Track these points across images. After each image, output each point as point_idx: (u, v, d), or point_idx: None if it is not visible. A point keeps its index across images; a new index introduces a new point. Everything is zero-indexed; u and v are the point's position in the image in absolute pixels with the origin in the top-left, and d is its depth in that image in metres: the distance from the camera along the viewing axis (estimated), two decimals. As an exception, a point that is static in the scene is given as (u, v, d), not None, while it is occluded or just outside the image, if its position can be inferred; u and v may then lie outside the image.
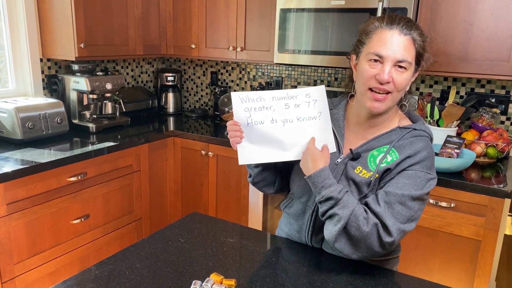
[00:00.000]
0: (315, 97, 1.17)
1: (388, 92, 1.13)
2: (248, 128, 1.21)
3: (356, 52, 1.20)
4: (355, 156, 1.20)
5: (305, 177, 1.17)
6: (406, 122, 1.24)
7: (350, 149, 1.21)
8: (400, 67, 1.12)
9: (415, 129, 1.19)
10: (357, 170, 1.19)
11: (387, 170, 1.16)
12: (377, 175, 1.16)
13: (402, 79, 1.12)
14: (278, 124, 1.19)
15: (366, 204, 1.14)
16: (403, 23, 1.12)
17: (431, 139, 1.22)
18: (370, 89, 1.14)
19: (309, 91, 1.17)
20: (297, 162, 1.32)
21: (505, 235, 1.90)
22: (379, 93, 1.13)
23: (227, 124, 1.22)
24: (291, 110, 1.17)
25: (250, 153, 1.22)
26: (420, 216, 1.15)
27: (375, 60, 1.12)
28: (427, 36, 1.17)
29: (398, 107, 1.25)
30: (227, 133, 1.25)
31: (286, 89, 1.17)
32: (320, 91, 1.17)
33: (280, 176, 1.38)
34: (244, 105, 1.19)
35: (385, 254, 1.22)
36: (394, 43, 1.10)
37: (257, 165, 1.31)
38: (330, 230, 1.12)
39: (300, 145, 1.20)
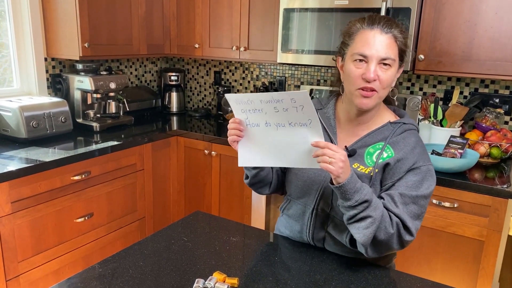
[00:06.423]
0: (301, 102, 1.07)
1: (373, 90, 1.16)
2: (247, 130, 1.20)
3: (341, 54, 1.24)
4: (351, 153, 1.22)
5: (334, 186, 1.09)
6: (395, 117, 1.29)
7: (345, 146, 1.23)
8: (385, 64, 1.15)
9: (404, 123, 1.24)
10: (354, 166, 1.21)
11: (387, 165, 1.18)
12: (377, 170, 1.19)
13: (387, 76, 1.16)
14: (272, 128, 1.15)
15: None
16: (383, 22, 1.16)
17: (418, 131, 1.29)
18: (358, 88, 1.18)
19: (293, 96, 1.07)
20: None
21: (509, 236, 1.89)
22: (366, 90, 1.17)
23: (230, 121, 1.22)
24: (281, 113, 1.12)
25: (250, 156, 1.21)
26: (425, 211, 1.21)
27: (360, 60, 1.16)
28: (407, 33, 1.21)
29: (385, 104, 1.29)
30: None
31: (271, 92, 1.11)
32: (303, 97, 1.07)
33: (276, 177, 1.39)
34: (240, 106, 1.17)
35: None
36: (376, 42, 1.14)
37: (254, 167, 1.31)
38: (364, 233, 1.10)
39: (293, 152, 1.15)
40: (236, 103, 1.17)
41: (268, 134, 1.16)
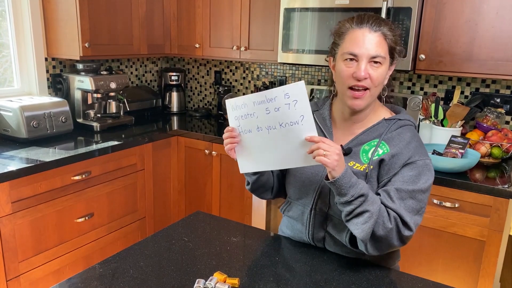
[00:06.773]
0: (294, 97, 1.06)
1: (366, 89, 1.17)
2: (242, 137, 1.19)
3: (333, 54, 1.25)
4: (347, 151, 1.22)
5: (329, 181, 1.10)
6: (390, 114, 1.29)
7: (341, 145, 1.23)
8: (375, 62, 1.16)
9: (399, 119, 1.24)
10: (350, 164, 1.21)
11: (382, 161, 1.18)
12: (371, 167, 1.19)
13: (378, 74, 1.17)
14: (264, 132, 1.14)
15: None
16: (372, 21, 1.17)
17: (415, 127, 1.27)
18: (350, 88, 1.18)
19: (287, 89, 1.06)
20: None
21: (510, 236, 1.89)
22: (358, 90, 1.17)
23: (225, 130, 1.23)
24: (272, 115, 1.10)
25: (249, 162, 1.21)
26: (425, 206, 1.20)
27: (351, 59, 1.17)
28: (397, 30, 1.22)
29: (380, 102, 1.29)
30: None
31: (265, 91, 1.11)
32: (298, 88, 1.06)
33: (277, 181, 1.39)
34: (234, 113, 1.17)
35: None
36: (366, 41, 1.15)
37: (254, 173, 1.30)
38: (363, 228, 1.10)
39: (288, 153, 1.14)
40: (231, 110, 1.18)
41: (260, 139, 1.16)
